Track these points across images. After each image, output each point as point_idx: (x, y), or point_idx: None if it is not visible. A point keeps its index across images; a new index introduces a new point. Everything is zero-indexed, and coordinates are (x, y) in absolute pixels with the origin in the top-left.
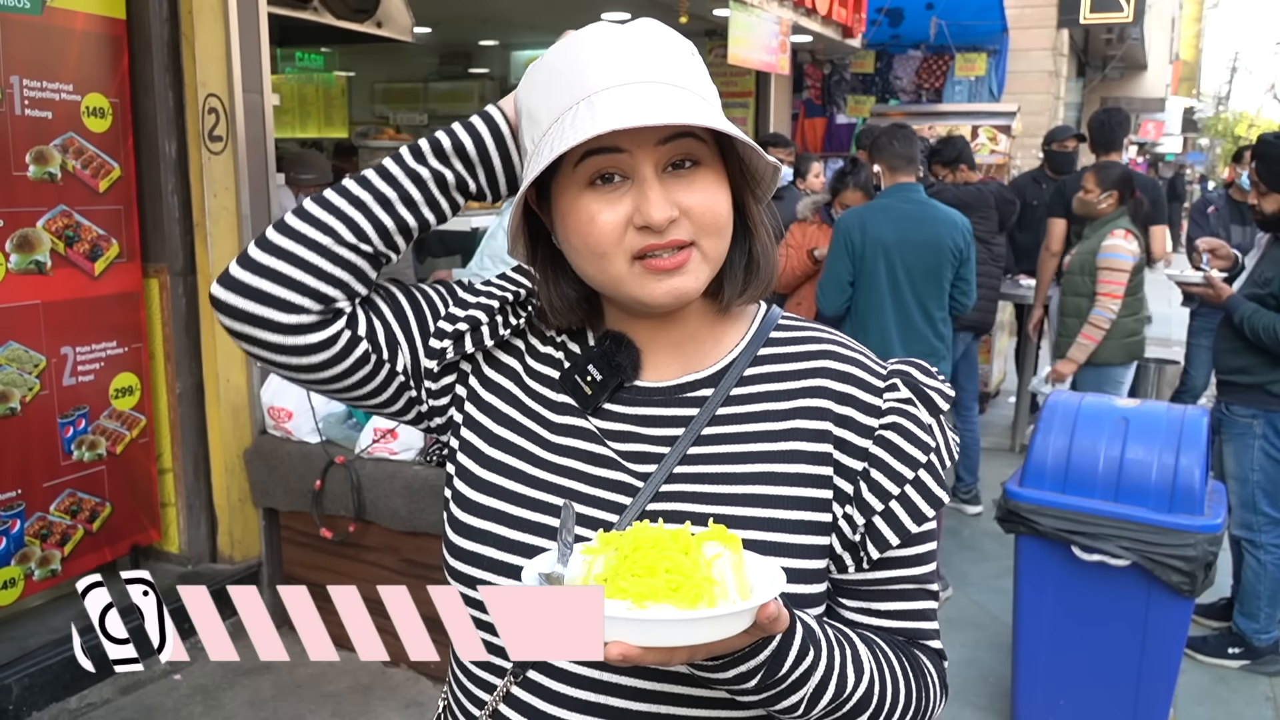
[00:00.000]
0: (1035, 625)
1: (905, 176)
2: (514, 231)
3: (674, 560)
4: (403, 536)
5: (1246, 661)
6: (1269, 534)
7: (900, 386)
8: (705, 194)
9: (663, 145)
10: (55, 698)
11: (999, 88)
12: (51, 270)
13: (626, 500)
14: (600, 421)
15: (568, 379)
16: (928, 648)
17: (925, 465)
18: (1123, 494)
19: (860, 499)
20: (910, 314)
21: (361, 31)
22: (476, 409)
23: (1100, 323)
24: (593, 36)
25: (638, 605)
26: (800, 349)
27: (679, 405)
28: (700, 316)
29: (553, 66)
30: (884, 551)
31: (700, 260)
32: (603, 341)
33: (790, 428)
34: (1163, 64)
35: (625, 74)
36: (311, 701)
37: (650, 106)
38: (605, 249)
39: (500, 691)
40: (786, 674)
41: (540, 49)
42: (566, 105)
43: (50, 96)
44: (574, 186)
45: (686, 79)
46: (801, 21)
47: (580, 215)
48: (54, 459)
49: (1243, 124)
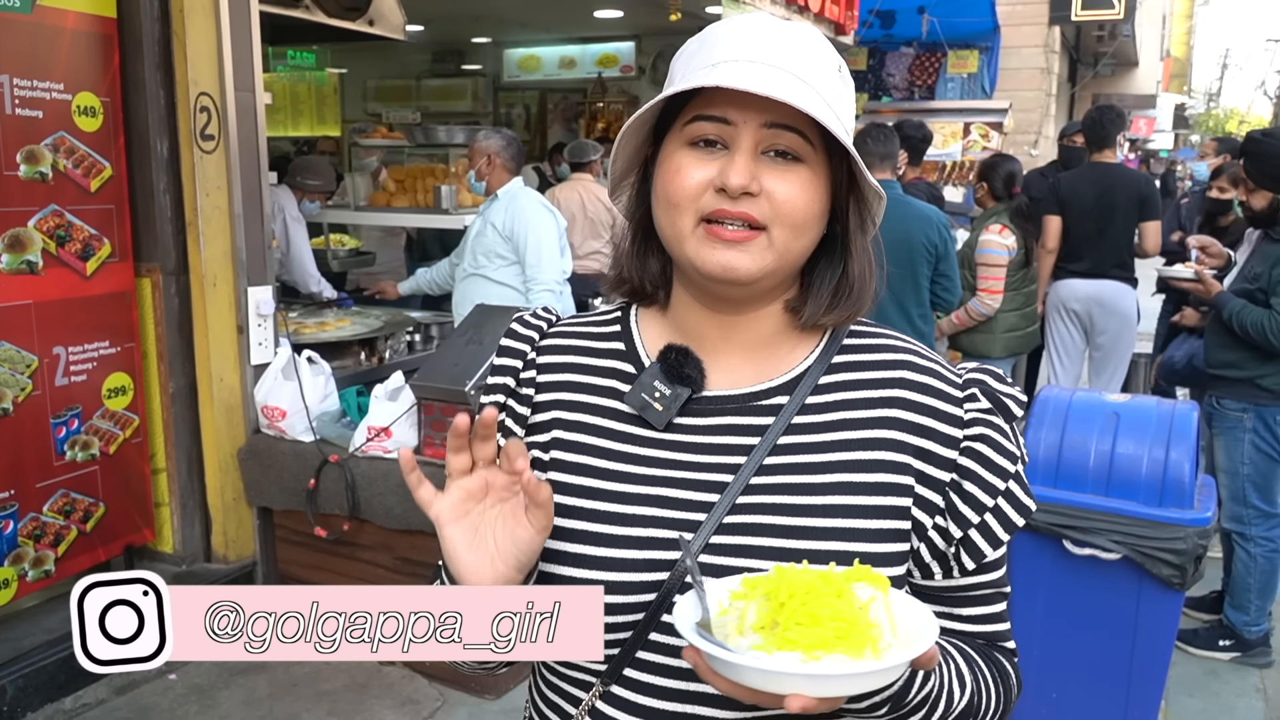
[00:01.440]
0: (1027, 619)
1: (880, 174)
2: (618, 178)
3: (834, 607)
4: (397, 534)
5: (1237, 654)
6: (1259, 527)
7: (979, 396)
8: (794, 186)
9: (768, 129)
10: (50, 698)
11: (991, 85)
12: (43, 270)
13: (702, 516)
14: (673, 435)
15: (635, 397)
16: (1004, 648)
17: (1014, 475)
18: (1113, 488)
19: (954, 510)
20: (886, 310)
21: (353, 30)
22: (558, 449)
23: (975, 314)
24: (749, 20)
25: (809, 656)
26: (876, 357)
27: (753, 414)
28: (776, 323)
29: (704, 38)
30: (979, 561)
31: (765, 246)
32: (667, 356)
33: (868, 437)
34: (1154, 61)
35: (761, 55)
36: (307, 700)
37: (768, 82)
38: (680, 201)
39: (585, 705)
40: (911, 699)
41: (533, 47)
42: (697, 67)
43: (41, 95)
44: (676, 140)
45: (824, 83)
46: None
47: (671, 165)
48: (47, 459)
49: (1233, 120)
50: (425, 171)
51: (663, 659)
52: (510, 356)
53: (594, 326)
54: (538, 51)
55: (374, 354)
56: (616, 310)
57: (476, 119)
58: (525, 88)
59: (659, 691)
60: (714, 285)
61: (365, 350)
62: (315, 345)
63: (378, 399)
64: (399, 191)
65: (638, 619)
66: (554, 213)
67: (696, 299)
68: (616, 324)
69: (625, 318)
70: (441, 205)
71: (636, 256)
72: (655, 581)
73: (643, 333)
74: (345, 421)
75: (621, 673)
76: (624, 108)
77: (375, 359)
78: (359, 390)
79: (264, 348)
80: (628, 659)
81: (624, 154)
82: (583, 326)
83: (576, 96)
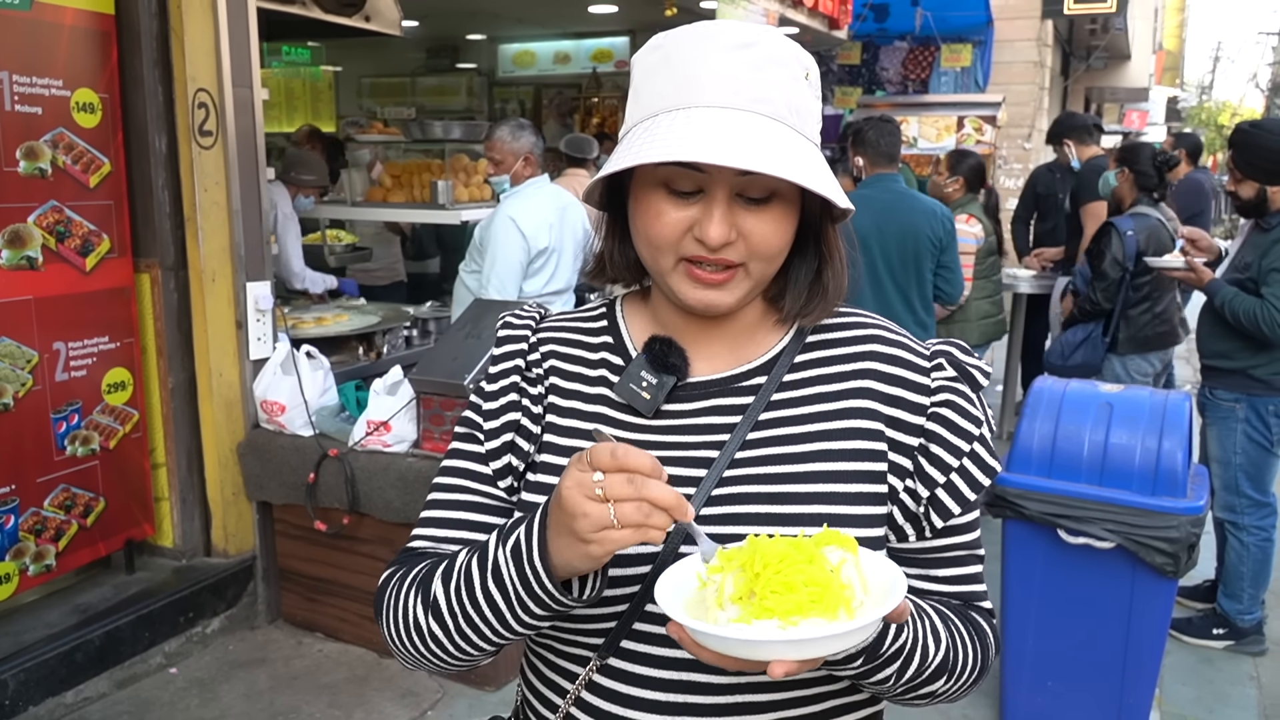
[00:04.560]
0: (1022, 608)
1: (885, 168)
2: (593, 186)
3: (806, 573)
4: (397, 528)
5: (1231, 642)
6: (1251, 516)
7: (946, 366)
8: (769, 226)
9: (741, 176)
10: (52, 692)
11: (984, 78)
12: (43, 266)
13: (692, 491)
14: (661, 420)
15: (624, 389)
16: (980, 608)
17: (978, 438)
18: (1107, 478)
19: (922, 472)
20: (891, 303)
21: (350, 25)
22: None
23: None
24: (715, 39)
25: (787, 622)
26: (847, 334)
27: (734, 395)
28: (756, 315)
29: (669, 57)
30: (947, 520)
31: (743, 278)
32: (651, 347)
33: (842, 408)
34: (1146, 54)
35: (730, 95)
36: (308, 693)
37: (739, 144)
38: (661, 245)
39: (582, 679)
40: (884, 652)
41: (527, 42)
42: (667, 105)
43: (40, 92)
44: (652, 180)
45: (790, 109)
46: (787, 13)
47: (650, 207)
48: (47, 454)
49: (1226, 113)
50: (421, 167)
51: (659, 629)
52: (513, 343)
53: (582, 321)
54: (532, 47)
55: (372, 349)
56: (602, 306)
57: (471, 115)
58: (520, 83)
59: (656, 661)
60: (694, 314)
61: (363, 345)
62: (313, 340)
63: (377, 393)
64: (395, 187)
65: (633, 592)
66: (524, 234)
67: (678, 306)
68: (603, 318)
69: (611, 312)
70: (438, 200)
71: (615, 249)
72: (650, 554)
73: (629, 325)
74: (344, 416)
75: (619, 645)
76: (619, 103)
77: (373, 354)
78: (357, 385)
79: (263, 343)
80: (624, 631)
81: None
82: (571, 321)
83: (571, 92)
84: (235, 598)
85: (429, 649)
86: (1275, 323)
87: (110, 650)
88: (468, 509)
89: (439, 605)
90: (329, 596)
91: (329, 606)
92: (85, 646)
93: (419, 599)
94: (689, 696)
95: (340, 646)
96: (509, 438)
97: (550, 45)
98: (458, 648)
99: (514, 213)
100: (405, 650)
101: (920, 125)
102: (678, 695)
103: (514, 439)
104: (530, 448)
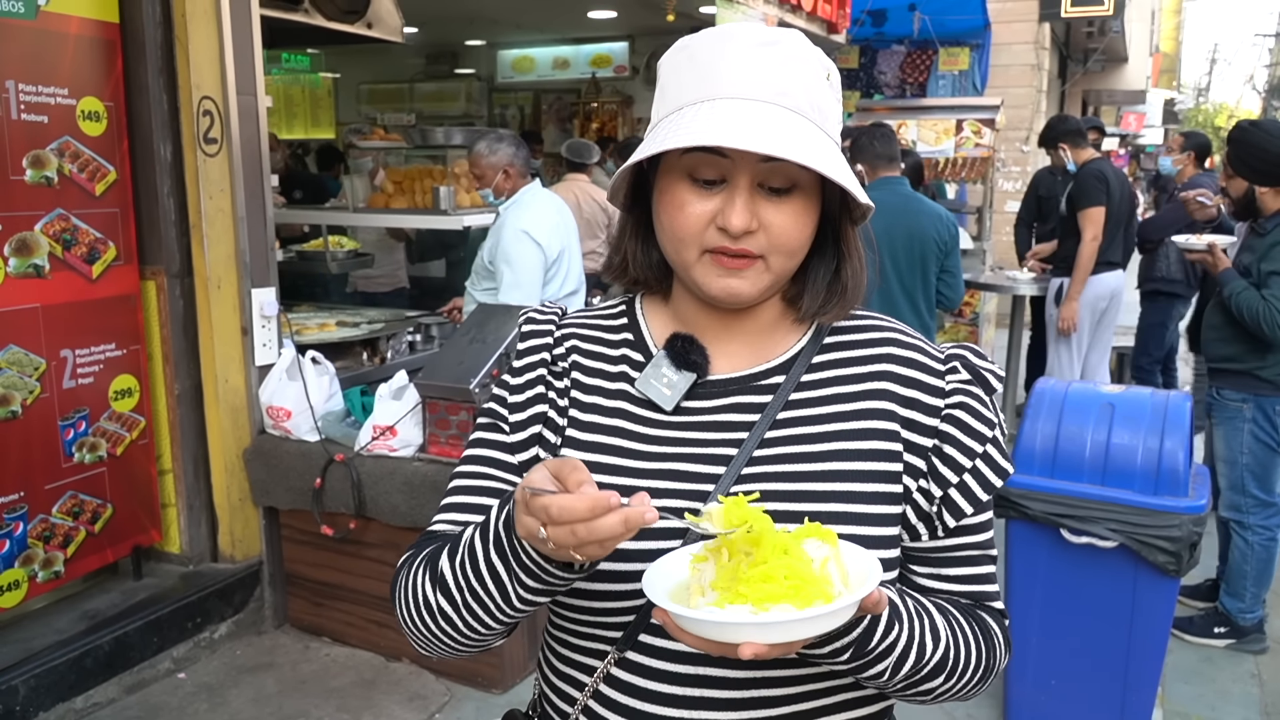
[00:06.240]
0: (1026, 607)
1: (887, 171)
2: (618, 183)
3: (785, 564)
4: (403, 532)
5: (1232, 641)
6: (1256, 515)
7: (960, 369)
8: (790, 218)
9: (764, 163)
10: (61, 698)
11: (982, 82)
12: (50, 274)
13: (710, 488)
14: (681, 417)
15: (645, 384)
16: (991, 608)
17: (991, 440)
18: (1109, 477)
19: (935, 472)
20: (897, 304)
21: (351, 32)
22: (574, 429)
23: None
24: (739, 38)
25: (759, 607)
26: (864, 336)
27: (753, 393)
28: (775, 314)
29: (694, 55)
30: (959, 520)
31: (763, 270)
32: (674, 344)
33: (859, 409)
34: (1143, 56)
35: (753, 88)
36: (316, 697)
37: (762, 131)
38: (685, 236)
39: (601, 672)
40: (874, 647)
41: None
42: (692, 99)
43: (45, 101)
44: (676, 170)
45: (812, 105)
46: (786, 18)
47: (674, 199)
48: (55, 461)
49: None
50: (423, 173)
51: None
52: (538, 337)
53: (603, 319)
54: (531, 52)
55: (376, 354)
56: (621, 304)
57: (471, 121)
58: (519, 89)
59: (673, 655)
60: (717, 303)
61: (367, 350)
62: (318, 346)
63: (382, 398)
64: (397, 193)
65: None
66: (539, 245)
67: (698, 301)
68: (624, 316)
69: (631, 310)
70: (440, 206)
71: (639, 249)
72: (668, 550)
73: (649, 323)
74: (350, 421)
75: (636, 639)
76: (618, 108)
77: (377, 359)
78: (362, 390)
79: (268, 349)
80: (641, 625)
81: (625, 177)
82: (592, 318)
83: (570, 97)
84: (242, 603)
85: (439, 626)
86: (1276, 324)
87: (119, 656)
88: (491, 495)
89: (445, 579)
90: (336, 601)
91: (336, 611)
92: (94, 652)
93: (428, 575)
94: (705, 690)
95: (347, 651)
96: (536, 429)
97: (549, 51)
98: (465, 624)
99: (525, 225)
100: (416, 631)
101: (919, 129)
102: (694, 689)
103: (541, 430)
104: (556, 439)
